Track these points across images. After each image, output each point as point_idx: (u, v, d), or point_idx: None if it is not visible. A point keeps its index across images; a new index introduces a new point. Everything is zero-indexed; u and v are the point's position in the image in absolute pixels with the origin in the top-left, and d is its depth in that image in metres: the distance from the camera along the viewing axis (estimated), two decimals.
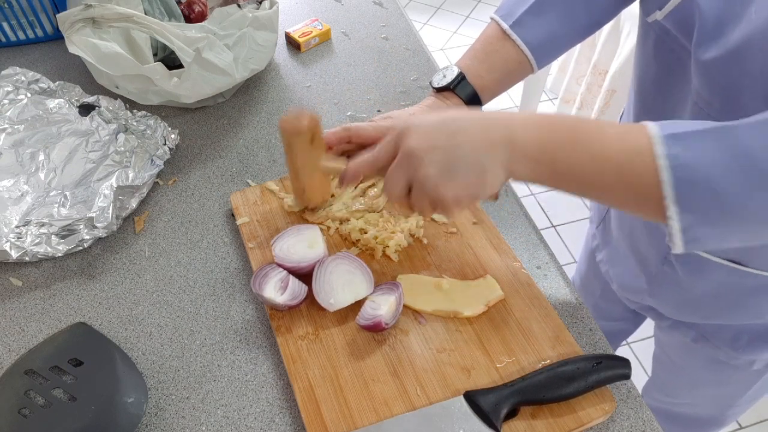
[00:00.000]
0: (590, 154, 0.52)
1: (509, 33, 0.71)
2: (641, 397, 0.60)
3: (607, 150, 0.51)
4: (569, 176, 0.53)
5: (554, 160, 0.53)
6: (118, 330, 0.66)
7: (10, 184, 0.75)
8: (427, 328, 0.63)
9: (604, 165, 0.51)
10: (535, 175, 0.55)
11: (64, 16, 0.82)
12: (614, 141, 0.51)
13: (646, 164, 0.49)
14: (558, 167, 0.53)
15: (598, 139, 0.52)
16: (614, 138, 0.51)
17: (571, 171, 0.53)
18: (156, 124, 0.82)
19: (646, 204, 0.50)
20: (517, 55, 0.72)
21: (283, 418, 0.59)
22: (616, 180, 0.51)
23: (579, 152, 0.52)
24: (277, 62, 0.99)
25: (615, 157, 0.51)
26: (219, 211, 0.77)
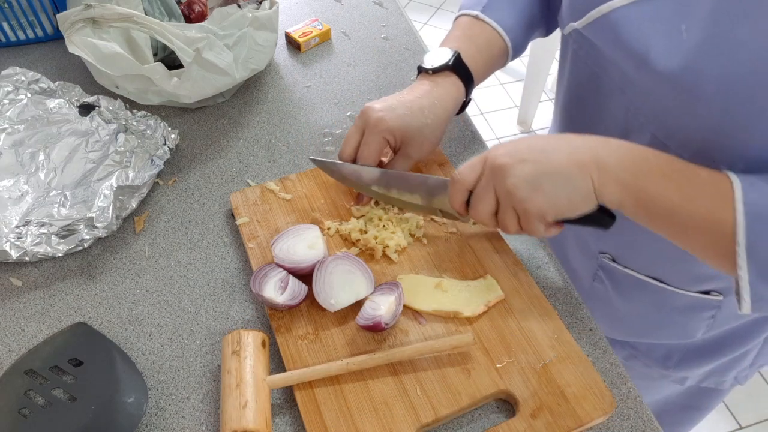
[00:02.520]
0: (680, 193, 0.51)
1: (482, 17, 0.72)
2: (641, 397, 0.60)
3: (698, 195, 0.51)
4: (654, 209, 0.53)
5: (643, 189, 0.53)
6: (118, 330, 0.66)
7: (10, 184, 0.75)
8: (427, 328, 0.63)
9: (692, 207, 0.51)
10: (620, 201, 0.54)
11: (64, 16, 0.82)
12: (702, 183, 0.51)
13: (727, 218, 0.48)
14: (645, 198, 0.53)
15: (690, 180, 0.51)
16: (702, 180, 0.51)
17: (658, 205, 0.52)
18: (156, 124, 0.82)
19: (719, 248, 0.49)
20: (496, 39, 0.72)
21: (283, 418, 0.59)
22: (701, 225, 0.50)
23: (669, 189, 0.52)
24: (277, 62, 0.99)
25: (700, 196, 0.50)
26: (219, 211, 0.77)
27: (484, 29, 0.72)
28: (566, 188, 0.55)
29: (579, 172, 0.54)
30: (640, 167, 0.53)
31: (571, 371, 0.59)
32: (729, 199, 0.48)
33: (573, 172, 0.54)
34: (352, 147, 0.70)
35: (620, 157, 0.54)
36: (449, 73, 0.70)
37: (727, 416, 1.68)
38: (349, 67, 0.98)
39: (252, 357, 0.58)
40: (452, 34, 0.74)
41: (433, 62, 0.70)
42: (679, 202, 0.51)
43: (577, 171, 0.54)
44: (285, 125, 0.88)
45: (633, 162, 0.53)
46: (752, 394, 1.73)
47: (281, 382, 0.58)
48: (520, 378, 0.59)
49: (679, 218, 0.52)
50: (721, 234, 0.49)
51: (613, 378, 0.61)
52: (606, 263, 0.76)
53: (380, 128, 0.67)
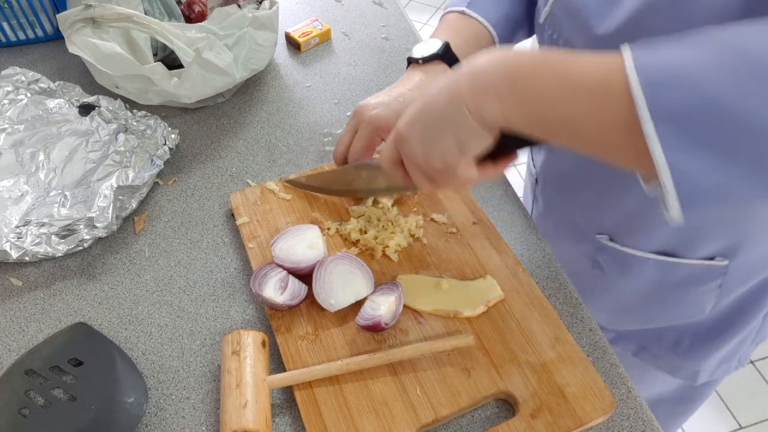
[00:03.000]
0: (559, 79, 0.45)
1: (468, 13, 0.73)
2: (641, 397, 0.60)
3: (577, 73, 0.44)
4: (539, 109, 0.46)
5: (520, 91, 0.47)
6: (118, 330, 0.66)
7: (10, 184, 0.75)
8: (427, 328, 0.63)
9: (575, 89, 0.44)
10: (505, 116, 0.48)
11: (64, 16, 0.82)
12: (585, 63, 0.44)
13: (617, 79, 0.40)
14: (526, 100, 0.47)
15: (567, 63, 0.45)
16: (584, 61, 0.44)
17: (540, 101, 0.46)
18: (156, 124, 0.82)
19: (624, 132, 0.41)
20: (483, 32, 0.74)
21: (282, 418, 0.59)
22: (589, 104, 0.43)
23: (547, 78, 0.46)
24: (277, 62, 0.99)
25: (586, 79, 0.43)
26: (219, 211, 0.77)
27: (471, 23, 0.74)
28: (449, 129, 0.51)
29: (452, 106, 0.50)
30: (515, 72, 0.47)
31: (571, 371, 0.59)
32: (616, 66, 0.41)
33: (447, 108, 0.50)
34: (345, 146, 0.70)
35: (494, 68, 0.48)
36: (439, 62, 0.71)
37: (727, 416, 1.69)
38: (349, 67, 0.98)
39: (252, 357, 0.58)
40: (440, 29, 0.75)
41: (422, 52, 0.71)
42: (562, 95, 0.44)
43: (450, 105, 0.50)
44: (285, 125, 0.88)
45: (507, 69, 0.47)
46: (752, 394, 1.73)
47: (281, 382, 0.58)
48: (520, 378, 0.59)
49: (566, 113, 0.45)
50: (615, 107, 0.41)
51: (613, 378, 0.62)
52: (604, 245, 0.75)
53: (373, 125, 0.67)
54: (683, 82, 0.38)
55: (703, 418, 1.68)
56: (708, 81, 0.37)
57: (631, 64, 0.40)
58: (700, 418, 1.67)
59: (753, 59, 0.37)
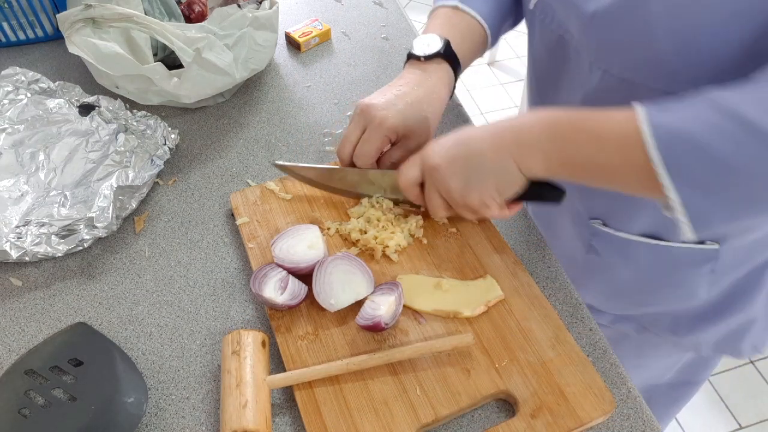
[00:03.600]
0: (594, 136, 0.54)
1: (462, 7, 0.74)
2: (641, 397, 0.61)
3: (607, 131, 0.53)
4: (578, 161, 0.56)
5: (562, 148, 0.56)
6: (118, 330, 0.66)
7: (10, 184, 0.75)
8: (427, 328, 0.63)
9: (606, 145, 0.53)
10: (546, 168, 0.58)
11: (64, 16, 0.82)
12: (612, 122, 0.53)
13: (635, 139, 0.50)
14: (566, 155, 0.56)
15: (597, 123, 0.54)
16: (611, 119, 0.53)
17: (578, 155, 0.55)
18: (156, 124, 0.82)
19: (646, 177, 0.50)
20: (476, 27, 0.74)
21: (282, 418, 0.59)
22: (620, 159, 0.52)
23: (583, 136, 0.55)
24: (277, 62, 0.99)
25: (614, 136, 0.52)
26: (219, 211, 0.77)
27: (464, 18, 0.74)
28: (492, 174, 0.60)
29: (499, 156, 0.59)
30: (556, 131, 0.56)
31: (571, 371, 0.59)
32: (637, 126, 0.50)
33: (494, 157, 0.59)
34: (352, 144, 0.70)
35: (537, 127, 0.57)
36: (441, 60, 0.71)
37: (727, 416, 1.69)
38: (349, 67, 0.98)
39: (252, 357, 0.58)
40: (434, 23, 0.75)
41: (424, 50, 0.71)
42: (596, 150, 0.54)
43: (497, 155, 0.59)
44: (285, 125, 0.88)
45: (549, 128, 0.57)
46: (752, 394, 1.73)
47: (281, 382, 0.58)
48: (520, 378, 0.59)
49: (600, 164, 0.54)
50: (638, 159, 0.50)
51: (613, 378, 0.62)
52: (598, 229, 0.77)
53: (384, 127, 0.67)
54: (692, 145, 0.47)
55: (703, 418, 1.68)
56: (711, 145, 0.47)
57: (648, 128, 0.49)
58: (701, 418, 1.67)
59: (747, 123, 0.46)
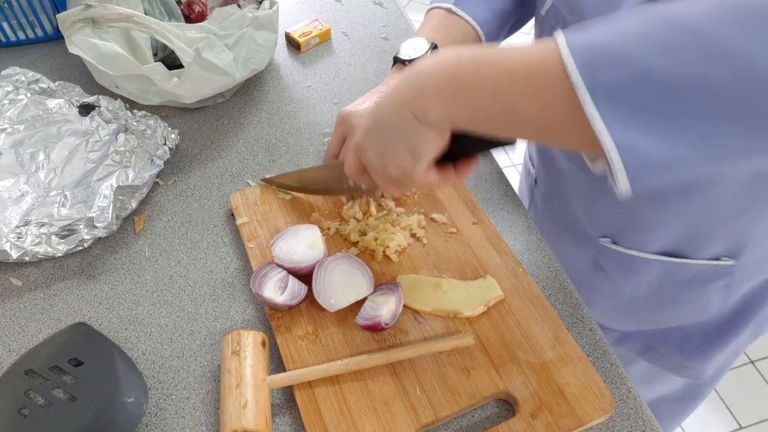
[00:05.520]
0: (498, 69, 0.44)
1: (455, 11, 0.72)
2: (641, 397, 0.60)
3: (514, 61, 0.44)
4: (483, 102, 0.46)
5: (462, 87, 0.46)
6: (118, 330, 0.66)
7: (10, 184, 0.75)
8: (427, 328, 0.63)
9: (513, 77, 0.44)
10: (450, 115, 0.48)
11: (64, 16, 0.82)
12: (522, 52, 0.44)
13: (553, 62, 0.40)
14: (467, 95, 0.46)
15: (505, 53, 0.45)
16: (522, 50, 0.44)
17: (482, 95, 0.45)
18: (156, 124, 0.82)
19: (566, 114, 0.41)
20: (470, 31, 0.73)
21: (282, 418, 0.59)
22: (529, 90, 0.43)
23: (486, 71, 0.45)
24: (277, 62, 0.99)
25: (524, 65, 0.43)
26: (219, 211, 0.77)
27: (458, 21, 0.73)
28: (399, 137, 0.51)
29: (400, 114, 0.50)
30: (456, 71, 0.47)
31: (570, 371, 0.59)
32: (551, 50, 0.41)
33: (396, 117, 0.50)
34: (334, 154, 0.70)
35: (436, 69, 0.48)
36: None
37: (727, 416, 1.69)
38: (349, 67, 0.98)
39: (252, 357, 0.58)
40: (427, 25, 0.74)
41: (410, 54, 0.70)
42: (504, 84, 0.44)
43: (398, 114, 0.50)
44: (285, 125, 0.88)
45: (448, 68, 0.47)
46: (752, 394, 1.73)
47: (281, 382, 0.58)
48: (520, 378, 0.59)
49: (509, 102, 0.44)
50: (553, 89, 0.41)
51: (613, 378, 0.62)
52: (606, 247, 0.74)
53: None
54: (616, 58, 0.38)
55: (703, 418, 1.68)
56: (639, 53, 0.37)
57: (565, 46, 0.40)
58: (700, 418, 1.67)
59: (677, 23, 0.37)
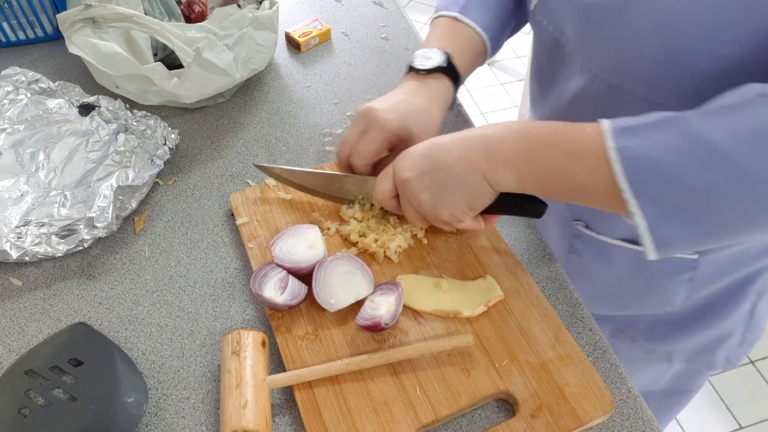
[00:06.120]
0: (565, 154, 0.53)
1: (461, 19, 0.74)
2: (641, 398, 0.61)
3: (577, 149, 0.52)
4: (548, 178, 0.55)
5: (533, 164, 0.55)
6: (118, 330, 0.66)
7: (10, 184, 0.75)
8: (427, 328, 0.63)
9: (577, 163, 0.52)
10: (517, 183, 0.57)
11: (64, 16, 0.82)
12: (588, 141, 0.52)
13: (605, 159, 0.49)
14: (537, 171, 0.55)
15: (568, 139, 0.53)
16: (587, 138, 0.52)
17: (551, 173, 0.54)
18: (156, 124, 0.82)
19: (618, 201, 0.50)
20: (476, 38, 0.74)
21: (282, 418, 0.59)
22: (590, 178, 0.52)
23: (554, 153, 0.54)
24: (277, 62, 0.99)
25: (585, 156, 0.52)
26: (219, 211, 0.77)
27: (464, 29, 0.74)
28: (461, 188, 0.59)
29: (469, 171, 0.58)
30: (527, 146, 0.55)
31: (570, 371, 0.59)
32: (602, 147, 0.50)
33: (463, 171, 0.58)
34: (350, 146, 0.70)
35: (509, 141, 0.56)
36: (441, 75, 0.71)
37: (727, 416, 1.69)
38: (349, 67, 0.98)
39: (252, 357, 0.58)
40: (435, 33, 0.75)
41: (425, 63, 0.71)
42: (567, 167, 0.53)
43: (466, 169, 0.58)
44: (285, 125, 0.88)
45: (520, 142, 0.56)
46: (752, 394, 1.73)
47: (281, 382, 0.58)
48: (520, 378, 0.59)
49: (570, 181, 0.53)
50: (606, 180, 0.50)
51: (613, 378, 0.62)
52: (580, 231, 0.77)
53: (386, 129, 0.67)
54: (659, 176, 0.47)
55: (703, 418, 1.68)
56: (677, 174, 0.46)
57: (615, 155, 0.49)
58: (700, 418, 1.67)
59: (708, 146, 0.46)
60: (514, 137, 0.56)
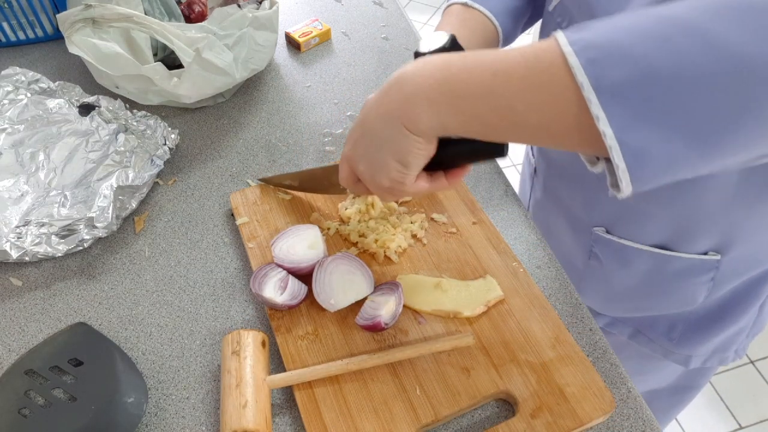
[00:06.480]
0: (491, 72, 0.43)
1: (471, 4, 0.73)
2: (641, 398, 0.61)
3: (508, 62, 0.43)
4: (475, 105, 0.45)
5: (452, 91, 0.45)
6: (118, 330, 0.66)
7: (10, 184, 0.75)
8: (427, 328, 0.63)
9: (509, 78, 0.43)
10: (441, 122, 0.47)
11: (64, 16, 0.82)
12: (515, 53, 0.43)
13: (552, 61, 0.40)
14: (459, 100, 0.45)
15: (498, 55, 0.44)
16: (515, 51, 0.43)
17: (474, 97, 0.44)
18: (156, 124, 0.82)
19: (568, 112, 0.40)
20: (487, 24, 0.73)
21: (282, 418, 0.59)
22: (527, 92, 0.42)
23: (478, 74, 0.44)
24: (277, 62, 0.99)
25: (520, 66, 0.42)
26: (219, 211, 0.77)
27: (475, 14, 0.73)
28: (387, 147, 0.50)
29: (387, 122, 0.49)
30: (445, 74, 0.46)
31: (570, 371, 0.59)
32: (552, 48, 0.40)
33: (382, 125, 0.50)
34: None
35: (423, 73, 0.47)
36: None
37: (727, 416, 1.69)
38: (349, 67, 0.98)
39: (252, 357, 0.58)
40: (445, 20, 0.75)
41: (429, 46, 0.70)
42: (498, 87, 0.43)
43: (384, 122, 0.49)
44: (285, 125, 0.88)
45: (436, 72, 0.46)
46: (752, 394, 1.73)
47: (281, 382, 0.58)
48: (520, 378, 0.59)
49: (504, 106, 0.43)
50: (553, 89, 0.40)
51: (613, 378, 0.62)
52: (601, 236, 0.77)
53: None
54: (622, 57, 0.37)
55: (703, 418, 1.68)
56: (644, 52, 0.37)
57: (568, 45, 0.39)
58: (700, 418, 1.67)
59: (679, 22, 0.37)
60: (428, 67, 0.47)
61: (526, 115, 0.43)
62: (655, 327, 0.85)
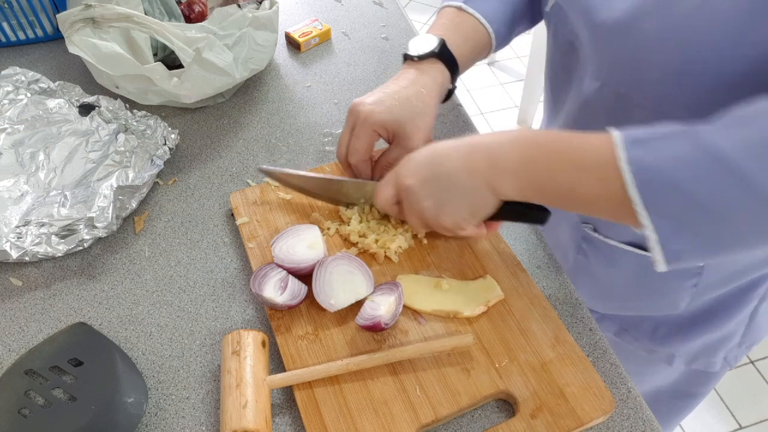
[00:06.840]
0: (569, 163, 0.53)
1: (465, 8, 0.73)
2: (641, 398, 0.61)
3: (582, 159, 0.52)
4: (551, 187, 0.55)
5: (536, 173, 0.55)
6: (118, 330, 0.66)
7: (10, 184, 0.75)
8: (427, 328, 0.63)
9: (582, 174, 0.52)
10: (520, 191, 0.57)
11: (64, 16, 0.82)
12: (588, 150, 0.51)
13: (615, 171, 0.48)
14: (539, 180, 0.55)
15: (572, 148, 0.53)
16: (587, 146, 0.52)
17: (554, 182, 0.54)
18: (156, 124, 0.82)
19: (622, 207, 0.49)
20: (480, 29, 0.74)
21: (282, 418, 0.59)
22: (597, 189, 0.51)
23: (557, 162, 0.53)
24: (277, 62, 0.99)
25: (591, 166, 0.51)
26: (219, 211, 0.77)
27: (468, 19, 0.73)
28: (464, 196, 0.59)
29: (471, 179, 0.57)
30: (529, 154, 0.55)
31: (570, 371, 0.59)
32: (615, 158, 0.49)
33: (466, 180, 0.58)
34: (345, 144, 0.70)
35: (512, 148, 0.56)
36: (435, 60, 0.70)
37: (727, 416, 1.69)
38: (349, 67, 0.98)
39: (252, 357, 0.58)
40: (438, 23, 0.75)
41: (418, 50, 0.71)
42: (571, 177, 0.52)
43: (469, 178, 0.58)
44: (285, 125, 0.88)
45: (522, 150, 0.55)
46: (752, 394, 1.73)
47: (281, 382, 0.58)
48: (520, 378, 0.59)
49: (575, 191, 0.53)
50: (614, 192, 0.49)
51: (613, 378, 0.62)
52: (588, 234, 0.78)
53: (370, 122, 0.67)
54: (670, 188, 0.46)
55: (703, 418, 1.68)
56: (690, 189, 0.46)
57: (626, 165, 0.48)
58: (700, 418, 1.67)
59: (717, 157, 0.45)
60: (517, 145, 0.56)
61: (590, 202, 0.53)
62: (640, 326, 0.86)
